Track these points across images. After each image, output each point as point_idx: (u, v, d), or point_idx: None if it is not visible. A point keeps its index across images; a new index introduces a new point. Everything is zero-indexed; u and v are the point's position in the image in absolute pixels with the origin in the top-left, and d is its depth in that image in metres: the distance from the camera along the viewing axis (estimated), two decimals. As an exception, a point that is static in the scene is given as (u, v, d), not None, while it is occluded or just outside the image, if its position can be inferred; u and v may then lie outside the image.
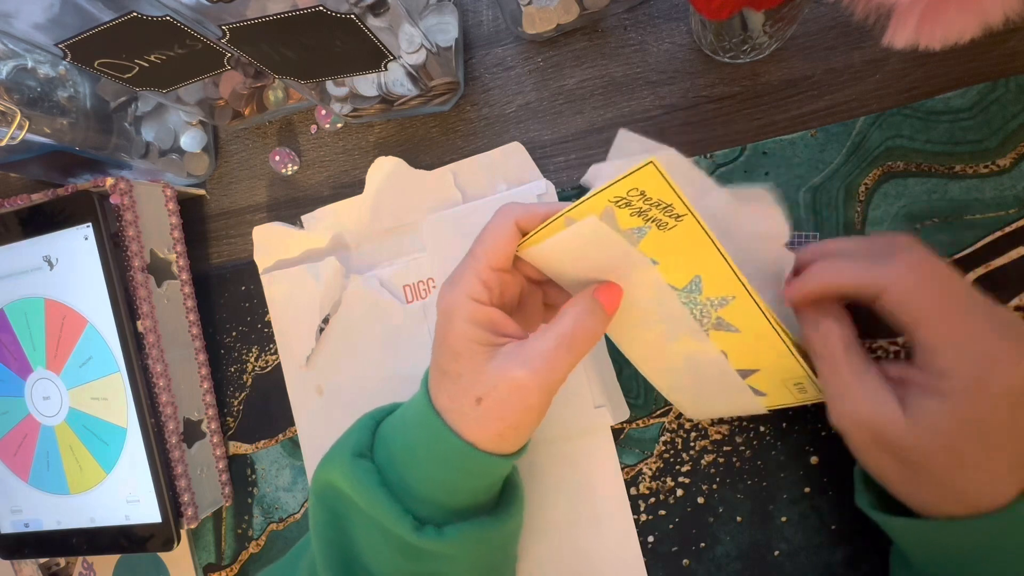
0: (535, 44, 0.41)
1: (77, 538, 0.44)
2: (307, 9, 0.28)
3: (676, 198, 0.24)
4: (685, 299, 0.28)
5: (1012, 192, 0.34)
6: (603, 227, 0.26)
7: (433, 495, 0.30)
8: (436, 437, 0.29)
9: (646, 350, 0.34)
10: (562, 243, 0.27)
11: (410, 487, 0.30)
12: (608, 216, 0.26)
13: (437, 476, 0.29)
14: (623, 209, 0.25)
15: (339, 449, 0.32)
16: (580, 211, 0.26)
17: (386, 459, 0.31)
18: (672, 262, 0.27)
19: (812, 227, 0.36)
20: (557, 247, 0.28)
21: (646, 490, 0.38)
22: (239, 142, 0.47)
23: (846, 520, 0.35)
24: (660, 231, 0.26)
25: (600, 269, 0.29)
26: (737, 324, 0.28)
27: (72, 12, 0.30)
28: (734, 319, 0.28)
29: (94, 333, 0.41)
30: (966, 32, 0.23)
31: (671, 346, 0.32)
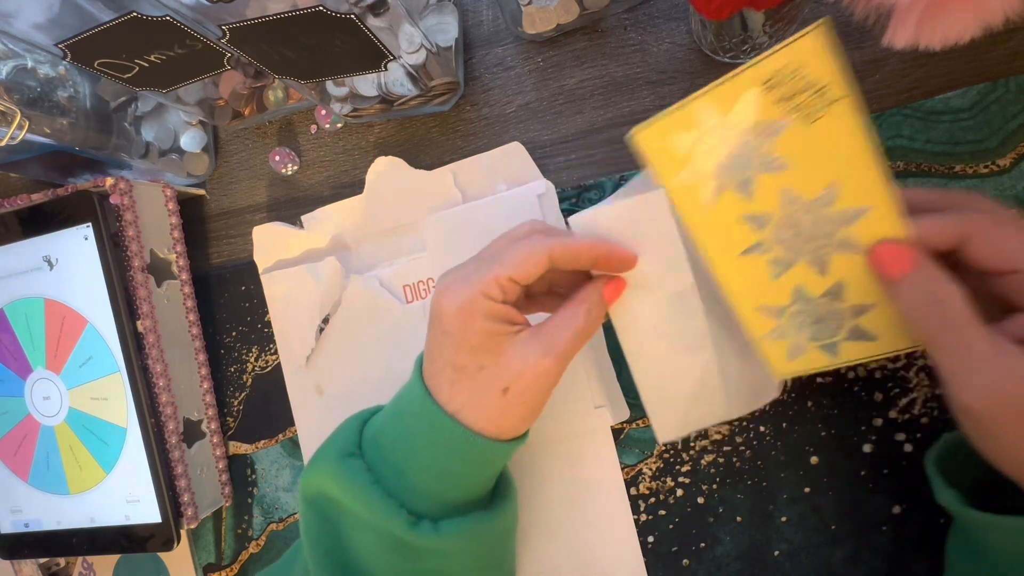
0: (535, 44, 0.41)
1: (77, 538, 0.44)
2: (307, 9, 0.28)
3: (836, 76, 0.22)
4: (810, 214, 0.25)
5: (1012, 192, 0.34)
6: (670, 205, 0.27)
7: (431, 487, 0.30)
8: (439, 427, 0.29)
9: (653, 357, 0.33)
10: (622, 213, 0.28)
11: (406, 480, 0.30)
12: (748, 107, 0.24)
13: (437, 466, 0.30)
14: (770, 92, 0.23)
15: (325, 452, 0.32)
16: (725, 92, 0.24)
17: (377, 455, 0.31)
18: (807, 165, 0.24)
19: (812, 227, 0.36)
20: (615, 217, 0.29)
21: (646, 490, 0.38)
22: (239, 142, 0.47)
23: (846, 520, 0.35)
24: (803, 125, 0.23)
25: (646, 251, 0.29)
26: (866, 242, 0.25)
27: (72, 12, 0.30)
28: (863, 236, 0.25)
29: (94, 333, 0.41)
30: (966, 32, 0.23)
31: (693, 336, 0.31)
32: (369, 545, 0.30)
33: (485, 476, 0.31)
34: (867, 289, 0.27)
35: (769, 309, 0.29)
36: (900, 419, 0.35)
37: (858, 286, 0.27)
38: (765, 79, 0.23)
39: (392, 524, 0.29)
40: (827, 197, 0.25)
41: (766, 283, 0.28)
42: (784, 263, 0.27)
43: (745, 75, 0.24)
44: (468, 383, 0.29)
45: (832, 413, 0.35)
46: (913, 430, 0.34)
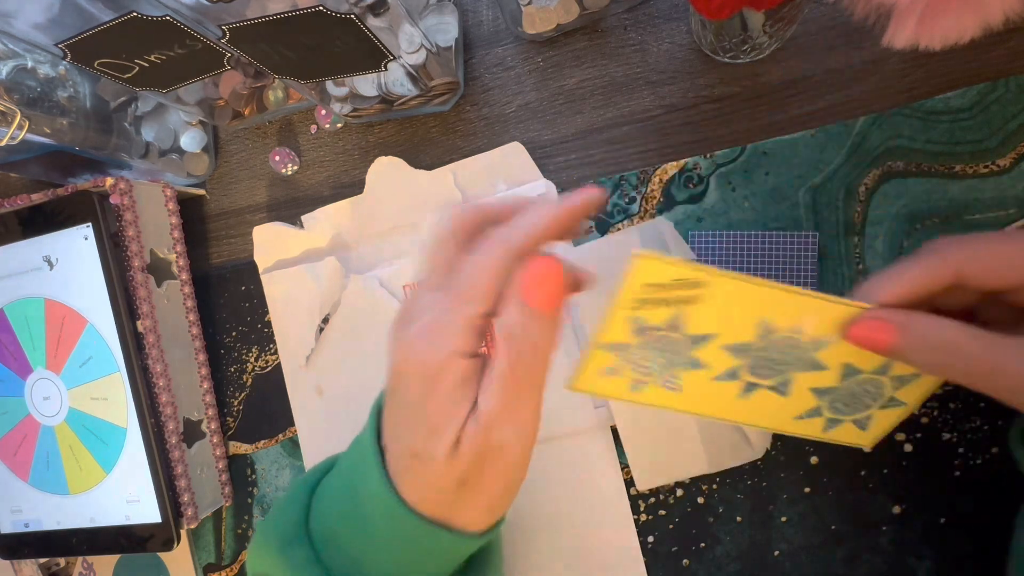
0: (535, 44, 0.41)
1: (77, 538, 0.44)
2: (307, 9, 0.28)
3: (684, 271, 0.23)
4: (766, 347, 0.26)
5: (1012, 192, 0.34)
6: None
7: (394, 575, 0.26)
8: (397, 519, 0.24)
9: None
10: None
11: (363, 571, 0.25)
12: (638, 327, 0.24)
13: (398, 558, 0.25)
14: (647, 310, 0.23)
15: (266, 532, 0.27)
16: (607, 334, 0.24)
17: (327, 540, 0.26)
18: (727, 326, 0.25)
19: (812, 227, 0.36)
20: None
21: (646, 490, 0.38)
22: (239, 142, 0.47)
23: (846, 520, 0.35)
24: (693, 306, 0.24)
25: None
26: (829, 338, 0.26)
27: (72, 12, 0.30)
28: (820, 332, 0.25)
29: (94, 333, 0.41)
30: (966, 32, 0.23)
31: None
32: None
33: (456, 563, 0.27)
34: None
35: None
36: (900, 419, 0.35)
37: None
38: (634, 307, 0.23)
39: None
40: (765, 331, 0.25)
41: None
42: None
43: (616, 313, 0.23)
44: (424, 474, 0.23)
45: (832, 413, 0.35)
46: (913, 430, 0.34)
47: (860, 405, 0.27)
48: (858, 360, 0.26)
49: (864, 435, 0.29)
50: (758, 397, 0.27)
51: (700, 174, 0.38)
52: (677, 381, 0.27)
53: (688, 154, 0.38)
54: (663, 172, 0.38)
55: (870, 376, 0.26)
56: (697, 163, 0.38)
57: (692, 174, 0.38)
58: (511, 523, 0.40)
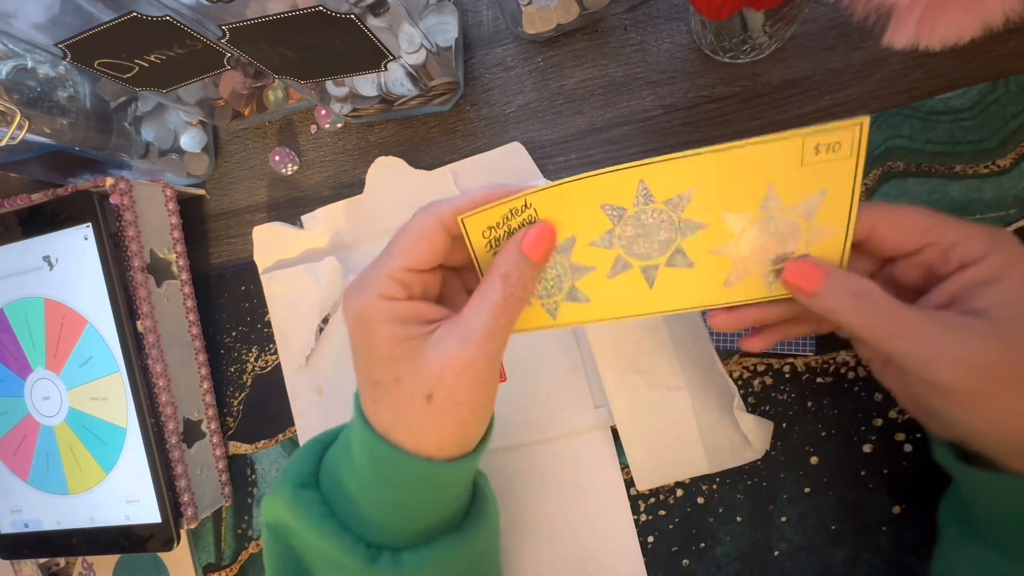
0: (535, 44, 0.41)
1: (77, 538, 0.44)
2: (307, 9, 0.28)
3: (503, 207, 0.26)
4: (629, 228, 0.26)
5: (1012, 192, 0.34)
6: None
7: (387, 519, 0.27)
8: (381, 457, 0.26)
9: (630, 391, 0.34)
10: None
11: (361, 512, 0.27)
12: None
13: (389, 498, 0.27)
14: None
15: (282, 480, 0.29)
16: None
17: (333, 486, 0.28)
18: (578, 225, 0.26)
19: (812, 227, 0.36)
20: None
21: (646, 490, 0.38)
22: (239, 142, 0.47)
23: (846, 520, 0.35)
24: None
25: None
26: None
27: (72, 12, 0.30)
28: (668, 194, 0.25)
29: (94, 333, 0.41)
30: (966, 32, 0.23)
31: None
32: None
33: (444, 501, 0.28)
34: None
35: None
36: (900, 419, 0.35)
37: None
38: (487, 249, 0.27)
39: (350, 559, 0.27)
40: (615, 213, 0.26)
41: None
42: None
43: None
44: (388, 399, 0.25)
45: (832, 413, 0.35)
46: (913, 430, 0.34)
47: (775, 252, 0.25)
48: (734, 202, 0.25)
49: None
50: (666, 279, 0.26)
51: (700, 174, 0.38)
52: (580, 293, 0.28)
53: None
54: (663, 172, 0.38)
55: (765, 213, 0.25)
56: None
57: (692, 174, 0.38)
58: (511, 523, 0.40)
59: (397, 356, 0.25)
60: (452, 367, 0.24)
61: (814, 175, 0.23)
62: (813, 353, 0.36)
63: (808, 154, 0.23)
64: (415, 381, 0.25)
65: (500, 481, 0.40)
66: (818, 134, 0.23)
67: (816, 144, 0.23)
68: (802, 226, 0.25)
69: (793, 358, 0.36)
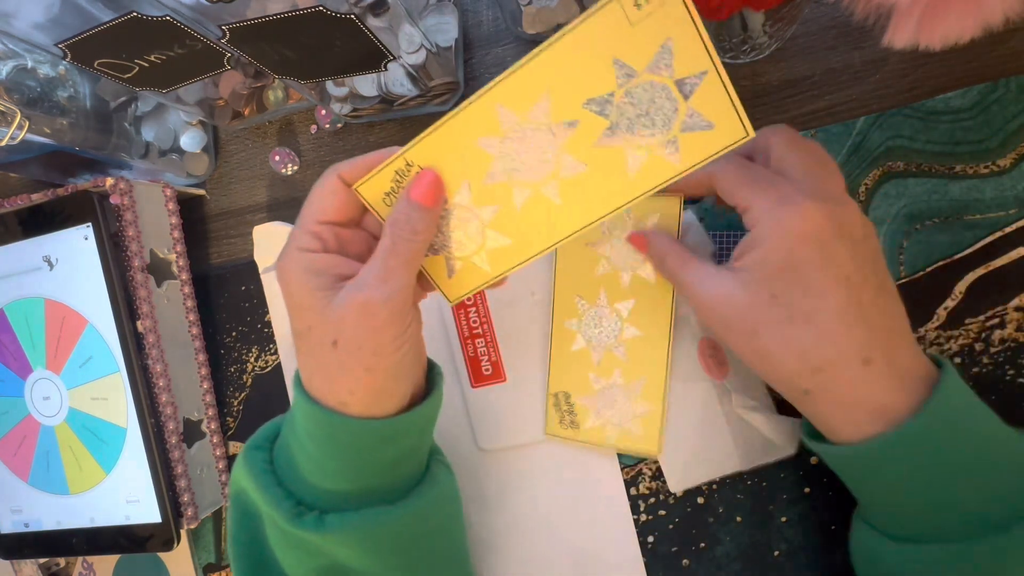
0: (535, 44, 0.41)
1: (77, 538, 0.44)
2: (307, 9, 0.28)
3: (386, 171, 0.27)
4: (512, 152, 0.26)
5: (1012, 192, 0.34)
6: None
7: (316, 478, 0.28)
8: (307, 412, 0.27)
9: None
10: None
11: (297, 471, 0.28)
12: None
13: (317, 454, 0.28)
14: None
15: (243, 448, 0.31)
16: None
17: (280, 449, 0.30)
18: (464, 169, 0.27)
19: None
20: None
21: (646, 490, 0.38)
22: (239, 142, 0.47)
23: (846, 520, 0.35)
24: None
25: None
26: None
27: (72, 12, 0.30)
28: (524, 110, 0.26)
29: (94, 333, 0.41)
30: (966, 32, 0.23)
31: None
32: (273, 536, 0.29)
33: (366, 465, 0.28)
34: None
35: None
36: (900, 419, 0.35)
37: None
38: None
39: (278, 515, 0.28)
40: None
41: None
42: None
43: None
44: (305, 348, 0.27)
45: (832, 413, 0.35)
46: (913, 430, 0.34)
47: (655, 122, 0.25)
48: (591, 90, 0.24)
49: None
50: (568, 189, 0.26)
51: (700, 174, 0.38)
52: (499, 236, 0.28)
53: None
54: (663, 172, 0.38)
55: (625, 86, 0.24)
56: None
57: (692, 174, 0.38)
58: (511, 523, 0.40)
59: (309, 305, 0.27)
60: (351, 311, 0.26)
61: (649, 30, 0.23)
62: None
63: (631, 13, 0.23)
64: (324, 329, 0.26)
65: (500, 481, 0.40)
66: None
67: (635, 0, 0.22)
68: (668, 83, 0.24)
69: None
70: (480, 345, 0.40)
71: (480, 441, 0.40)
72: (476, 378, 0.40)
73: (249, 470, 0.29)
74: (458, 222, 0.28)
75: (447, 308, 0.40)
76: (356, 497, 0.28)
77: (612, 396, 0.36)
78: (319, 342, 0.26)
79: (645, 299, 0.35)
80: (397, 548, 0.29)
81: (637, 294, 0.35)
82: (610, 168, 0.25)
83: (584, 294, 0.36)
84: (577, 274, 0.36)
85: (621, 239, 0.35)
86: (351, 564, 0.29)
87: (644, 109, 0.24)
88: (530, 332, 0.39)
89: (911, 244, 0.35)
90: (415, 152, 0.27)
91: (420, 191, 0.27)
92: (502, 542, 0.40)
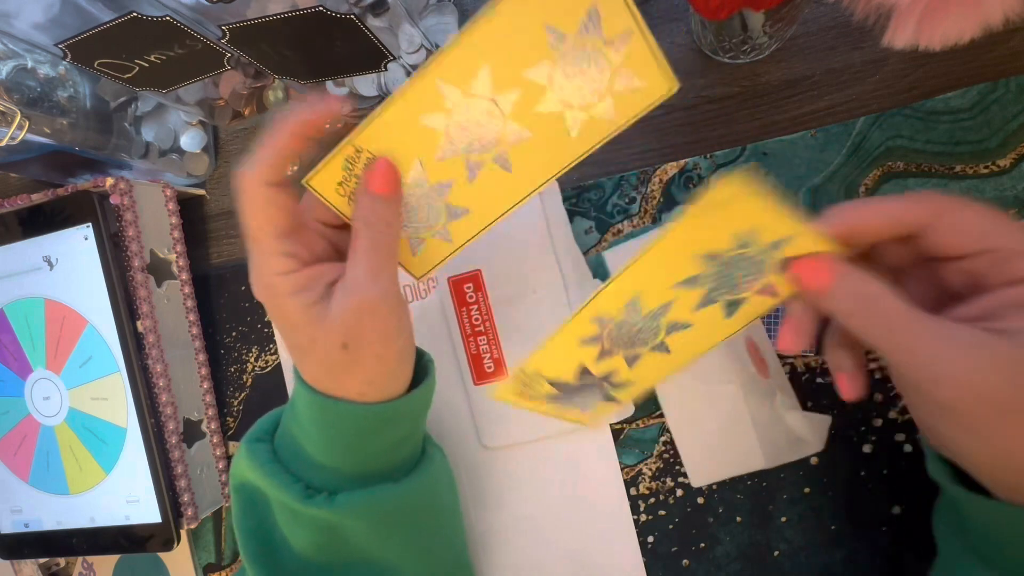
0: (535, 44, 0.41)
1: (77, 538, 0.44)
2: (307, 9, 0.28)
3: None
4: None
5: (1012, 192, 0.34)
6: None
7: (326, 460, 0.29)
8: (315, 403, 0.29)
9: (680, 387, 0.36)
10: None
11: (303, 456, 0.30)
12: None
13: (323, 439, 0.29)
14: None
15: (243, 439, 0.32)
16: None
17: (281, 439, 0.31)
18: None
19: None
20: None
21: (646, 490, 0.38)
22: (239, 142, 0.47)
23: (846, 520, 0.35)
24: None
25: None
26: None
27: (72, 12, 0.30)
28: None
29: (94, 333, 0.41)
30: (966, 32, 0.23)
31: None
32: (283, 519, 0.30)
33: (376, 444, 0.30)
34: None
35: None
36: (900, 419, 0.35)
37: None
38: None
39: (289, 497, 0.29)
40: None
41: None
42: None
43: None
44: (311, 357, 0.28)
45: (832, 413, 0.35)
46: (913, 430, 0.34)
47: (589, 83, 0.26)
48: (527, 58, 0.25)
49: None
50: (517, 157, 0.27)
51: (700, 174, 0.38)
52: (458, 209, 0.29)
53: (688, 154, 0.38)
54: (663, 172, 0.38)
55: (557, 50, 0.25)
56: (697, 163, 0.38)
57: (692, 174, 0.38)
58: (511, 522, 0.40)
59: (307, 321, 0.27)
60: (352, 315, 0.26)
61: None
62: (813, 353, 0.36)
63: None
64: (329, 338, 0.27)
65: (500, 480, 0.40)
66: None
67: None
68: (598, 45, 0.25)
69: (793, 358, 0.36)
70: (482, 342, 0.40)
71: (484, 439, 0.40)
72: (478, 375, 0.40)
73: (254, 461, 0.30)
74: (416, 200, 0.28)
75: (450, 307, 0.40)
76: (361, 477, 0.30)
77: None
78: (326, 350, 0.27)
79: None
80: (401, 522, 0.31)
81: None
82: (552, 131, 0.26)
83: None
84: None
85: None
86: (358, 540, 0.30)
87: (578, 70, 0.25)
88: (532, 329, 0.39)
89: (911, 244, 0.35)
90: (363, 138, 0.27)
91: (379, 182, 0.27)
92: (502, 541, 0.40)
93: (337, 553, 0.30)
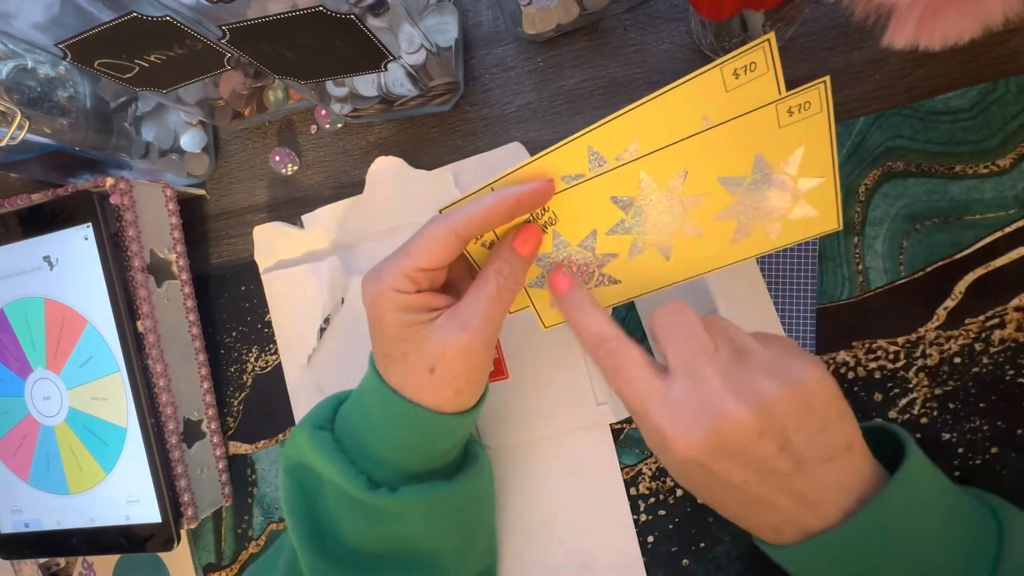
0: (535, 44, 0.41)
1: (77, 538, 0.44)
2: (307, 9, 0.28)
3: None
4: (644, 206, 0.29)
5: (1012, 192, 0.34)
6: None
7: (388, 457, 0.31)
8: (389, 402, 0.30)
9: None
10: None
11: (367, 451, 0.32)
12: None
13: (391, 438, 0.31)
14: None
15: (302, 424, 0.34)
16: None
17: (344, 430, 0.33)
18: (590, 220, 0.30)
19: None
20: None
21: (646, 490, 0.38)
22: (239, 142, 0.47)
23: (846, 520, 0.35)
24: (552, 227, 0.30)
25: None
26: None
27: (72, 12, 0.30)
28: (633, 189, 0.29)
29: (94, 333, 0.41)
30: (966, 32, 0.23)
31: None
32: (340, 508, 0.32)
33: (439, 447, 0.32)
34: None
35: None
36: (900, 419, 0.35)
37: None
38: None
39: (352, 487, 0.31)
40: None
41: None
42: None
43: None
44: (397, 367, 0.30)
45: (832, 413, 0.35)
46: (913, 430, 0.34)
47: (773, 206, 0.29)
48: (726, 169, 0.27)
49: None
50: (681, 250, 0.30)
51: (700, 174, 0.38)
52: (609, 278, 0.32)
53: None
54: (663, 172, 0.38)
55: (756, 176, 0.28)
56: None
57: (692, 174, 0.38)
58: (511, 522, 0.40)
59: (404, 337, 0.29)
60: (452, 348, 0.28)
61: (793, 135, 0.26)
62: (813, 353, 0.36)
63: (783, 116, 0.26)
64: (420, 357, 0.29)
65: (500, 480, 0.40)
66: (790, 98, 0.25)
67: (788, 106, 0.26)
68: (790, 180, 0.28)
69: (793, 358, 0.36)
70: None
71: (485, 437, 0.40)
72: (476, 378, 0.40)
73: (319, 448, 0.32)
74: (577, 263, 0.31)
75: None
76: (418, 475, 0.32)
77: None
78: (415, 367, 0.29)
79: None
80: (451, 513, 0.33)
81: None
82: (720, 236, 0.29)
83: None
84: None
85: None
86: (411, 530, 0.32)
87: (765, 192, 0.28)
88: (532, 330, 0.39)
89: (911, 244, 0.35)
90: (555, 199, 0.29)
91: (528, 245, 0.29)
92: (502, 541, 0.40)
93: (386, 543, 0.32)
